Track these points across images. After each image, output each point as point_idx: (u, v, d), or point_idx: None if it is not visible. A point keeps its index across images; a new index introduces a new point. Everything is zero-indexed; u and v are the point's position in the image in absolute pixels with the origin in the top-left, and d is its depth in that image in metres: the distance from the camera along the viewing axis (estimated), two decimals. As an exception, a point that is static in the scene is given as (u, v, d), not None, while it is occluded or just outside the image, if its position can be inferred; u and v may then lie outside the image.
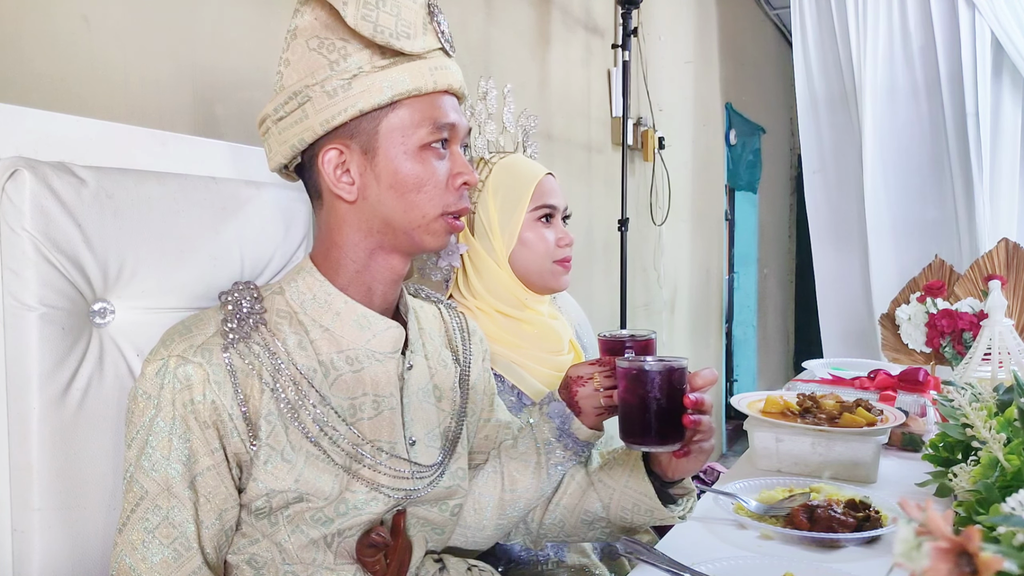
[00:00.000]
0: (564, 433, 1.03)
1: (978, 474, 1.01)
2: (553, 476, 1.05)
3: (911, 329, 2.21)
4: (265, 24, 1.36)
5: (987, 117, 3.02)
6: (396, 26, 0.83)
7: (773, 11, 5.03)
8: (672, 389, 0.90)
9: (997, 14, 2.94)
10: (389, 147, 0.86)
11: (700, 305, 3.97)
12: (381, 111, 0.85)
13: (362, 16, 0.81)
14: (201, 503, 0.82)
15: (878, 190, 3.21)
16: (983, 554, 0.40)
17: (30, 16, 1.01)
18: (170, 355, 0.81)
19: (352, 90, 0.83)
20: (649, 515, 1.03)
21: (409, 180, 0.86)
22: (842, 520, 1.05)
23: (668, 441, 0.92)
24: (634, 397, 0.91)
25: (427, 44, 0.86)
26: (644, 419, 0.91)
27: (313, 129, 0.84)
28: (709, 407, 0.91)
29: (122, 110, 1.11)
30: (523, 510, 1.06)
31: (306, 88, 0.84)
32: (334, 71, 0.83)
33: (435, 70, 0.87)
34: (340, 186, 0.87)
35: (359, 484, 0.87)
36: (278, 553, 0.86)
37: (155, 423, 0.80)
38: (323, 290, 0.89)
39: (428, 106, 0.86)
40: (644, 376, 0.91)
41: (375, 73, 0.83)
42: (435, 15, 0.88)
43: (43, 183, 0.83)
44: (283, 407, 0.84)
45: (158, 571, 0.79)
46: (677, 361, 0.91)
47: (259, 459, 0.83)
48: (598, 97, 2.80)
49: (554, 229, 1.29)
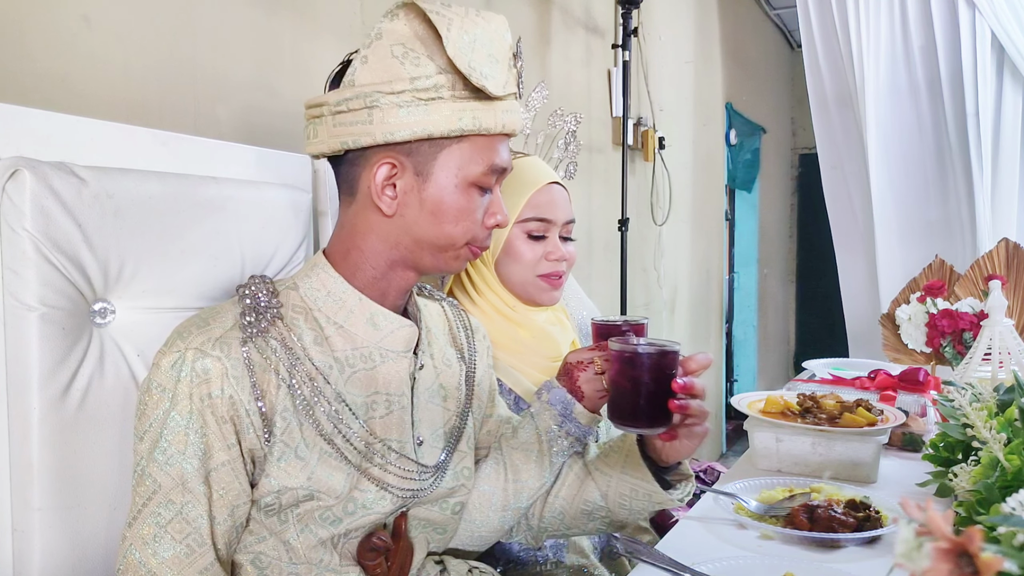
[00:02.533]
0: (567, 419, 1.02)
1: (978, 474, 1.01)
2: (555, 464, 1.05)
3: (911, 329, 2.21)
4: (265, 24, 1.36)
5: (988, 117, 3.02)
6: (487, 64, 0.84)
7: (774, 11, 5.03)
8: (662, 373, 0.90)
9: (997, 14, 2.94)
10: (442, 176, 0.86)
11: (700, 305, 3.97)
12: (445, 140, 0.85)
13: (461, 46, 0.81)
14: (215, 499, 0.81)
15: (882, 190, 3.21)
16: (984, 554, 0.40)
17: (31, 16, 1.01)
18: (187, 348, 0.80)
19: (426, 111, 0.83)
20: (648, 499, 1.02)
21: (451, 211, 0.87)
22: (842, 520, 1.04)
23: (657, 424, 0.92)
24: (624, 379, 0.92)
25: (507, 89, 0.87)
26: (634, 401, 0.91)
27: (373, 136, 0.84)
28: (701, 391, 0.91)
29: (123, 110, 1.12)
30: (526, 501, 1.06)
31: (377, 93, 0.83)
32: (412, 86, 0.82)
33: (505, 113, 0.88)
34: (382, 199, 0.86)
35: (368, 483, 0.87)
36: (285, 552, 0.86)
37: (170, 416, 0.79)
38: (337, 287, 0.89)
39: (488, 147, 0.87)
40: (636, 358, 0.91)
41: (453, 102, 0.84)
42: (519, 58, 0.90)
43: (44, 183, 0.83)
44: (299, 403, 0.84)
45: (169, 566, 0.78)
46: (670, 345, 0.92)
47: (273, 455, 0.83)
48: (598, 97, 2.80)
49: (545, 243, 1.23)
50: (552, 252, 1.23)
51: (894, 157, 3.22)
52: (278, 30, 1.38)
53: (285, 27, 1.40)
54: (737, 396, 1.41)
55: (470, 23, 0.83)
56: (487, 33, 0.84)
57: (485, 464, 1.07)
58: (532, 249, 1.22)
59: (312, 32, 1.46)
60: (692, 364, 0.92)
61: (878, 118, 3.19)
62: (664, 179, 3.26)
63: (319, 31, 1.48)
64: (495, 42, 0.85)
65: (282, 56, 1.39)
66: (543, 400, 1.05)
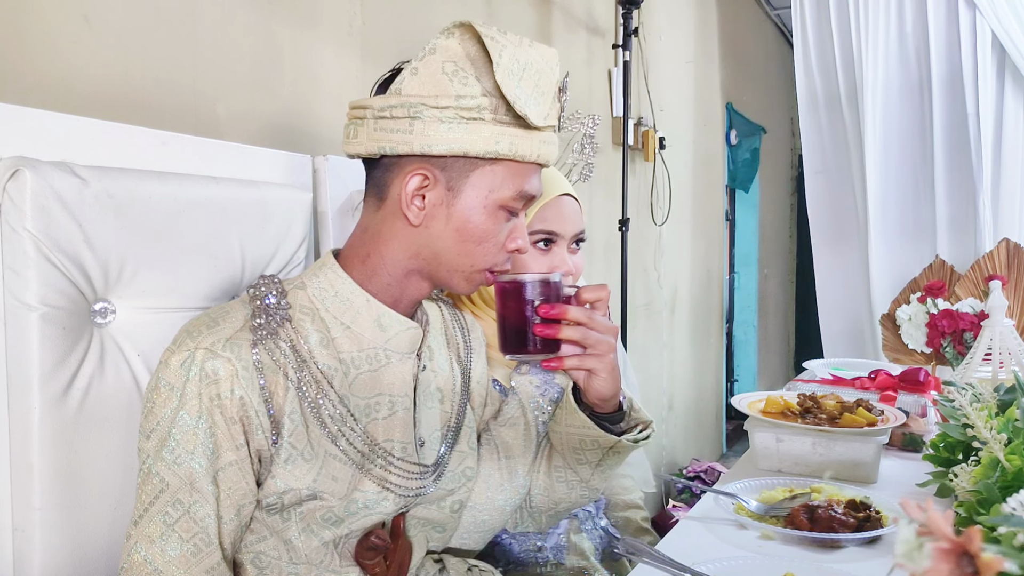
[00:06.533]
0: (545, 382, 1.04)
1: (979, 474, 1.01)
2: (541, 433, 1.08)
3: (912, 329, 2.21)
4: (265, 24, 1.36)
5: (988, 117, 3.02)
6: (532, 94, 0.85)
7: (774, 11, 5.03)
8: (540, 301, 0.92)
9: (997, 13, 2.94)
10: (472, 195, 0.87)
11: (701, 305, 3.97)
12: (480, 160, 0.86)
13: (511, 73, 0.83)
14: (222, 498, 0.81)
15: (880, 190, 3.21)
16: (984, 555, 0.40)
17: (31, 16, 1.01)
18: (197, 347, 0.80)
19: (466, 130, 0.84)
20: (596, 446, 1.01)
21: (476, 232, 0.88)
22: (843, 520, 1.04)
23: (541, 351, 0.93)
24: (505, 309, 0.93)
25: (548, 121, 0.88)
26: (515, 330, 0.93)
27: (411, 145, 0.84)
28: (584, 318, 0.92)
29: (123, 110, 1.11)
30: (522, 478, 1.07)
31: (422, 105, 0.83)
32: (456, 103, 0.83)
33: (543, 144, 0.89)
34: (411, 208, 0.87)
35: (371, 483, 0.88)
36: (285, 552, 0.86)
37: (179, 416, 0.79)
38: (345, 287, 0.89)
39: (521, 174, 0.89)
40: (513, 288, 0.92)
41: (494, 125, 0.85)
42: (564, 91, 0.91)
43: (44, 183, 0.83)
44: (306, 405, 0.84)
45: (176, 565, 0.79)
46: (549, 276, 0.93)
47: (279, 457, 0.83)
48: (599, 97, 2.80)
49: (551, 255, 1.18)
50: (558, 265, 1.19)
51: (892, 157, 3.22)
52: (278, 30, 1.38)
53: (285, 27, 1.40)
54: (737, 396, 1.41)
55: (522, 52, 0.84)
56: (537, 64, 0.86)
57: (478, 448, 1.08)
58: (537, 261, 1.18)
59: (312, 32, 1.46)
60: (585, 294, 0.94)
61: (876, 118, 3.19)
62: (664, 179, 3.26)
63: (319, 31, 1.48)
64: (543, 74, 0.86)
65: (282, 56, 1.39)
66: (522, 372, 1.07)
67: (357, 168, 0.94)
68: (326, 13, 1.49)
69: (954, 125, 3.10)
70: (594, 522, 1.34)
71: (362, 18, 1.58)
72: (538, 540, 1.24)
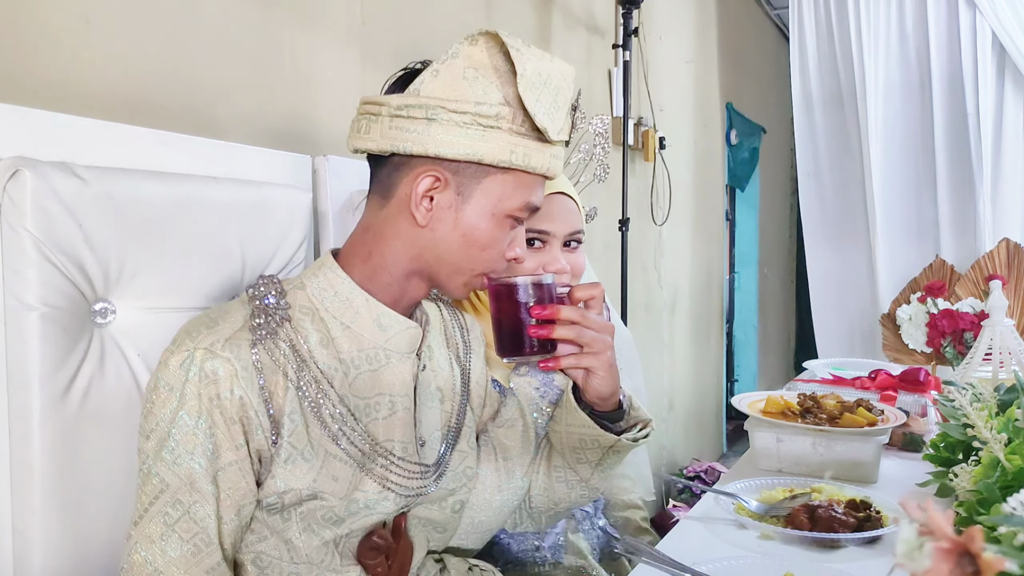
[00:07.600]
0: (544, 384, 1.04)
1: (979, 474, 1.01)
2: (539, 435, 1.07)
3: (912, 329, 2.21)
4: (265, 24, 1.36)
5: (989, 117, 3.03)
6: (551, 108, 0.86)
7: (774, 11, 5.03)
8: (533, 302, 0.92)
9: (997, 13, 2.94)
10: (482, 202, 0.87)
11: (701, 305, 3.97)
12: (492, 167, 0.87)
13: (533, 86, 0.84)
14: (222, 498, 0.81)
15: (882, 190, 3.21)
16: (985, 554, 0.40)
17: (31, 16, 1.01)
18: (196, 347, 0.80)
19: (483, 137, 0.84)
20: (596, 445, 1.01)
21: (482, 238, 0.89)
22: (843, 520, 1.05)
23: (537, 352, 0.93)
24: (498, 311, 0.94)
25: (561, 135, 0.89)
26: (510, 332, 0.93)
27: (425, 147, 0.85)
28: (577, 317, 0.92)
29: (123, 110, 1.11)
30: (520, 479, 1.07)
31: (440, 108, 0.84)
32: (475, 109, 0.84)
33: (553, 158, 0.90)
34: (419, 209, 0.87)
35: (372, 483, 0.88)
36: (286, 551, 0.86)
37: (178, 416, 0.79)
38: (344, 287, 0.89)
39: (529, 185, 0.89)
40: (504, 290, 0.93)
41: (509, 135, 0.85)
42: (577, 108, 0.92)
43: (44, 183, 0.83)
44: (306, 405, 0.84)
45: (176, 565, 0.79)
46: (541, 277, 0.94)
47: (280, 457, 0.83)
48: (599, 97, 2.79)
49: (543, 253, 1.16)
50: (550, 263, 1.17)
51: (893, 157, 3.22)
52: (278, 30, 1.38)
53: (285, 27, 1.40)
54: (738, 396, 1.41)
55: (544, 67, 0.85)
56: (556, 80, 0.87)
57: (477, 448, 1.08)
58: (529, 258, 1.16)
59: (312, 32, 1.46)
60: (578, 292, 0.95)
61: (877, 118, 3.20)
62: (664, 179, 3.26)
63: (319, 31, 1.48)
64: (561, 90, 0.87)
65: (282, 56, 1.39)
66: (521, 373, 1.07)
67: (357, 168, 0.94)
68: (326, 13, 1.49)
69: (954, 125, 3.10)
70: (592, 522, 1.34)
71: (362, 18, 1.58)
72: (536, 539, 1.24)
